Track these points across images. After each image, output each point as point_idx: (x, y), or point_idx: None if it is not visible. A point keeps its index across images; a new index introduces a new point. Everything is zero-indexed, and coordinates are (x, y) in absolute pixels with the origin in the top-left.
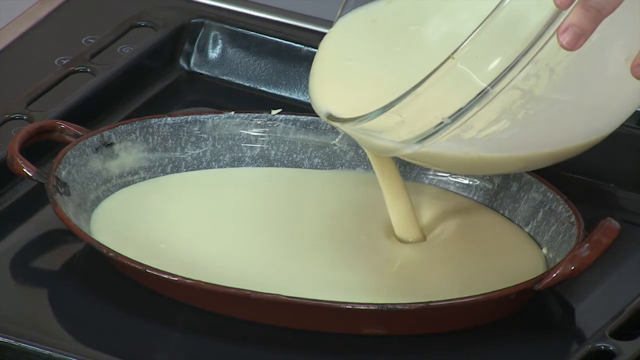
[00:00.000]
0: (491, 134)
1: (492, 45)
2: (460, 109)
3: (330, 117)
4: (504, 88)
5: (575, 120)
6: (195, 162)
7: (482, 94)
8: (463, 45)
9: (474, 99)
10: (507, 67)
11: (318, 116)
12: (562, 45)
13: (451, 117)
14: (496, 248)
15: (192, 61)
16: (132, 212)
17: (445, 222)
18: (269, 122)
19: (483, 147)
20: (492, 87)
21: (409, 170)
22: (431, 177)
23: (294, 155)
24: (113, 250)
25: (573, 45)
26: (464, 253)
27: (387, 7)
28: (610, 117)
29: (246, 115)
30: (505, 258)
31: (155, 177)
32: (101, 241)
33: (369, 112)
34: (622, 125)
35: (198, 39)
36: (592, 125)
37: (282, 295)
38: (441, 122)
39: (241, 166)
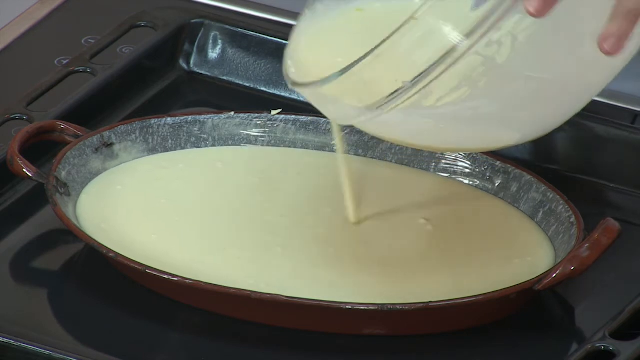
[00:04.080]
0: (451, 103)
1: (452, 8)
2: (422, 72)
3: (294, 83)
4: (465, 52)
5: (538, 95)
6: None
7: (443, 56)
8: (424, 5)
9: (435, 62)
10: (468, 32)
11: (318, 116)
12: (528, 12)
13: (412, 81)
14: (503, 241)
15: (192, 61)
16: (113, 199)
17: (453, 214)
18: (269, 122)
19: (443, 118)
20: (452, 51)
21: (414, 161)
22: (432, 169)
23: None
24: (113, 251)
25: (540, 11)
26: (470, 247)
27: (357, 13)
28: (575, 95)
29: (246, 115)
30: (511, 252)
31: None
32: (82, 227)
33: (330, 74)
34: (622, 125)
35: (198, 39)
36: (555, 101)
37: (282, 295)
38: (402, 86)
39: None
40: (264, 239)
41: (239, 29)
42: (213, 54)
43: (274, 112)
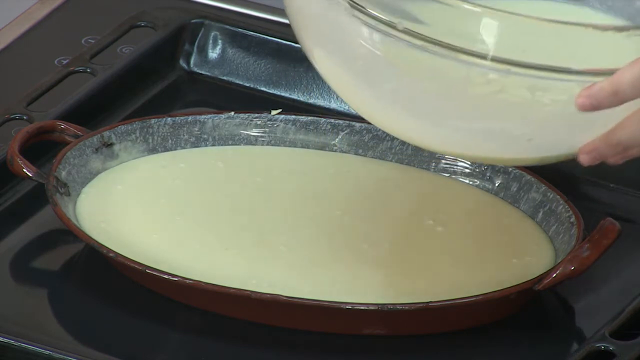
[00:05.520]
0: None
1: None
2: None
3: None
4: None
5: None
6: None
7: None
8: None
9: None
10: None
11: (318, 116)
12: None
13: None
14: (503, 241)
15: (192, 61)
16: (112, 198)
17: (453, 214)
18: (269, 122)
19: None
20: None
21: (414, 161)
22: (432, 169)
23: None
24: (113, 251)
25: (585, 109)
26: (470, 247)
27: None
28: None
29: (246, 115)
30: (511, 252)
31: None
32: (82, 227)
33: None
34: None
35: (198, 39)
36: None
37: (282, 295)
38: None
39: None
40: (265, 239)
41: (239, 29)
42: (213, 54)
43: (274, 112)
